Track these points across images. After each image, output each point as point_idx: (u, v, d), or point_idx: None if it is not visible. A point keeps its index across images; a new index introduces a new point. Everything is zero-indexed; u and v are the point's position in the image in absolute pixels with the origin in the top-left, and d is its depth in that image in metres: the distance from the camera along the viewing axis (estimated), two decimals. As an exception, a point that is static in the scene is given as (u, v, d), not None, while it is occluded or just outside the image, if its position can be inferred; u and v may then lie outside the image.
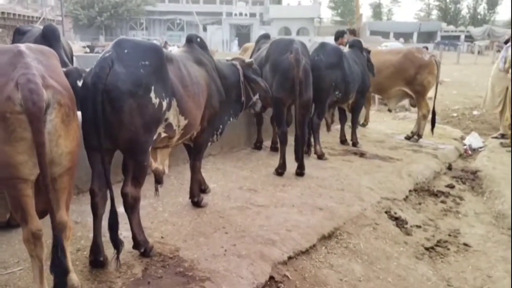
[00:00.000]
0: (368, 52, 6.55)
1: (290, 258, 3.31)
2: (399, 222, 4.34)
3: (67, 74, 2.86)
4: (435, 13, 62.98)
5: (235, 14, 48.40)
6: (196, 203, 4.01)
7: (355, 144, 6.64)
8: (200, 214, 3.87)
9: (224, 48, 42.21)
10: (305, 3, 49.86)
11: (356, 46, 6.47)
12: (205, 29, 46.33)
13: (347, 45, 6.68)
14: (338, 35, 7.75)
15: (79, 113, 2.66)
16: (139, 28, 48.88)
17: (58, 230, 2.42)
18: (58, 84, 2.38)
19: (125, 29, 47.35)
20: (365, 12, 60.54)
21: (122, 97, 2.73)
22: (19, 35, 4.46)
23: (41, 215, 2.54)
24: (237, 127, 5.86)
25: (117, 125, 2.76)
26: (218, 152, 5.74)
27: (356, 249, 3.68)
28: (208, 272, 2.94)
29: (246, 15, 48.75)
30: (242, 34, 45.72)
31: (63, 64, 3.91)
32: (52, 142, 2.31)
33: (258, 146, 6.15)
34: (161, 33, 48.28)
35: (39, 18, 30.99)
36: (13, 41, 4.43)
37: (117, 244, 2.80)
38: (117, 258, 2.82)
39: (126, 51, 2.87)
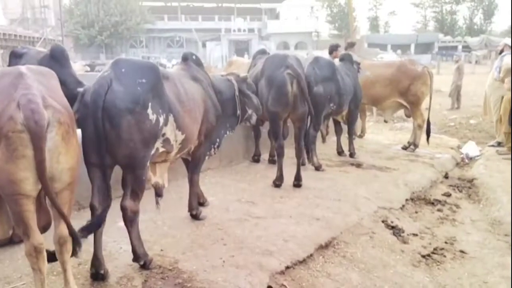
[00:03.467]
0: (358, 64, 6.71)
1: (287, 267, 3.37)
2: (395, 230, 4.40)
3: (83, 93, 2.97)
4: (432, 24, 63.55)
5: (234, 30, 48.93)
6: (195, 216, 4.08)
7: (352, 155, 6.73)
8: (199, 227, 3.94)
9: (223, 64, 42.54)
10: (302, 18, 50.38)
11: (347, 59, 6.64)
12: (204, 46, 46.82)
13: (339, 59, 6.84)
14: (332, 49, 7.90)
15: (78, 131, 2.77)
16: (139, 46, 49.38)
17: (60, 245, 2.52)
18: (57, 104, 2.49)
19: (126, 47, 47.86)
20: (363, 25, 61.15)
21: (121, 114, 2.83)
22: (15, 58, 4.52)
23: (43, 230, 2.63)
24: (235, 141, 5.96)
25: (116, 141, 2.86)
26: (216, 166, 5.82)
27: (353, 258, 3.74)
28: (207, 283, 3.00)
29: (244, 30, 49.27)
30: (241, 49, 46.14)
31: (77, 83, 4.00)
32: (53, 159, 2.40)
33: (256, 159, 6.24)
34: (161, 50, 48.78)
35: (40, 38, 31.40)
36: (10, 64, 4.48)
37: (76, 237, 2.66)
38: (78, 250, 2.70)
39: (123, 70, 2.98)
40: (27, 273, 3.04)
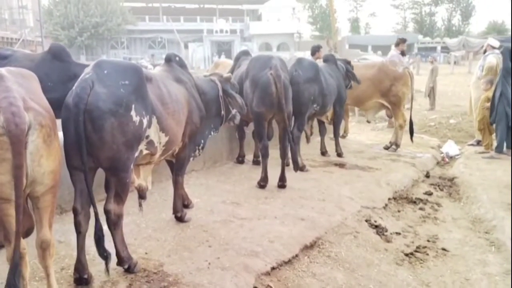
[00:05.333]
0: (348, 62, 6.75)
1: (273, 268, 3.37)
2: (379, 229, 4.45)
3: None
4: (411, 25, 64.57)
5: (216, 31, 48.79)
6: (180, 218, 4.06)
7: (340, 155, 6.80)
8: (184, 229, 3.92)
9: (206, 65, 42.42)
10: (284, 19, 50.56)
11: (330, 60, 6.69)
12: (186, 47, 46.54)
13: (322, 60, 6.89)
14: (314, 50, 7.96)
15: (60, 134, 2.73)
16: (120, 47, 48.82)
17: (42, 249, 2.47)
18: (39, 106, 2.45)
19: (106, 48, 47.24)
20: (344, 26, 61.73)
21: (103, 116, 2.79)
22: None
23: (25, 235, 2.57)
24: (219, 142, 5.95)
25: (99, 143, 2.82)
26: (201, 167, 5.80)
27: (337, 258, 3.76)
28: (193, 286, 2.98)
29: (226, 32, 49.18)
30: (223, 50, 46.06)
31: None
32: (34, 162, 2.36)
33: (240, 160, 6.24)
34: (143, 51, 48.29)
35: (18, 39, 30.78)
36: None
37: (105, 256, 2.86)
38: (107, 269, 2.88)
39: (105, 71, 2.95)
40: (8, 279, 2.97)
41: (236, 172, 5.83)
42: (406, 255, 4.09)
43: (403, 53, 8.82)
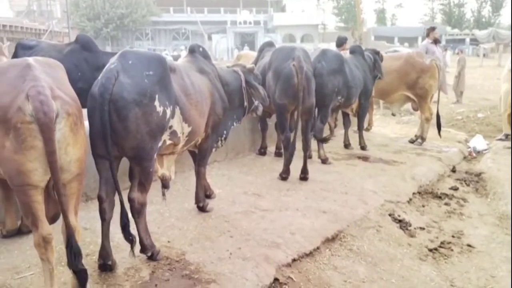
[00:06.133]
0: (377, 53, 6.60)
1: (294, 260, 3.37)
2: (402, 224, 4.39)
3: None
4: (439, 17, 62.86)
5: (240, 23, 48.72)
6: (202, 208, 4.09)
7: (363, 148, 6.72)
8: (206, 219, 3.95)
9: (229, 56, 42.45)
10: (309, 10, 50.03)
11: (357, 51, 6.56)
12: (210, 38, 46.68)
13: (348, 51, 6.78)
14: (341, 42, 7.84)
15: (86, 123, 2.77)
16: (145, 39, 49.34)
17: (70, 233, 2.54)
18: (65, 95, 2.50)
19: (131, 40, 47.80)
20: (369, 17, 60.66)
21: (128, 106, 2.83)
22: (23, 49, 4.56)
23: (51, 220, 2.64)
24: (241, 134, 5.96)
25: (124, 133, 2.86)
26: (223, 158, 5.82)
27: (359, 251, 3.73)
28: (214, 275, 3.01)
29: (250, 23, 49.05)
30: (246, 42, 45.96)
31: None
32: (61, 150, 2.41)
33: (262, 152, 6.23)
34: (167, 43, 48.70)
35: (46, 30, 31.43)
36: (17, 56, 4.50)
37: (131, 240, 2.93)
38: (132, 252, 2.95)
39: (130, 62, 2.98)
40: (35, 263, 3.07)
41: (258, 163, 5.83)
42: (430, 250, 4.02)
43: (436, 42, 8.55)
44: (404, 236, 4.21)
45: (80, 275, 2.54)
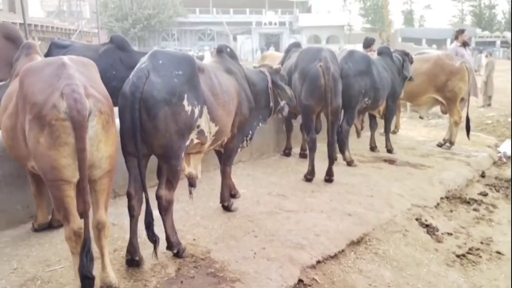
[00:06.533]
0: (406, 54, 6.49)
1: (318, 262, 3.36)
2: (429, 229, 4.31)
3: None
4: (469, 18, 61.47)
5: (265, 24, 48.80)
6: (227, 207, 4.12)
7: (390, 151, 6.63)
8: (231, 218, 3.97)
9: (254, 57, 42.54)
10: (334, 11, 49.75)
11: (385, 53, 6.47)
12: (235, 39, 46.92)
13: (376, 53, 6.70)
14: (369, 43, 7.75)
15: (116, 120, 2.83)
16: (171, 39, 49.96)
17: (99, 230, 2.59)
18: (98, 93, 2.56)
19: (158, 40, 48.48)
20: (397, 19, 59.64)
21: (158, 105, 2.88)
22: (57, 48, 4.71)
23: (81, 216, 2.70)
24: (266, 134, 5.97)
25: (153, 131, 2.91)
26: (248, 159, 5.84)
27: (385, 255, 3.69)
28: (239, 274, 3.02)
29: (275, 24, 49.06)
30: (271, 43, 45.99)
31: None
32: (93, 147, 2.47)
33: (287, 152, 6.23)
34: (192, 43, 49.20)
35: (76, 30, 32.17)
36: (51, 55, 4.64)
37: (154, 240, 2.96)
38: (155, 253, 2.97)
39: (161, 61, 3.03)
40: (65, 257, 3.15)
41: (282, 164, 5.83)
42: (458, 256, 3.94)
43: (464, 44, 8.36)
44: (431, 241, 4.14)
45: (87, 282, 2.50)
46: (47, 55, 4.38)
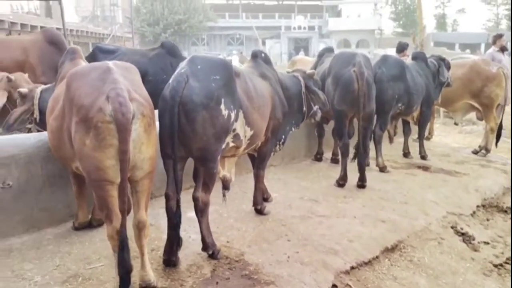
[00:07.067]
0: (442, 59, 6.38)
1: (352, 268, 3.34)
2: (465, 237, 4.22)
3: None
4: (504, 23, 59.55)
5: (294, 28, 48.74)
6: (259, 211, 4.16)
7: (424, 157, 6.53)
8: (263, 222, 4.00)
9: (282, 61, 42.58)
10: (365, 15, 49.17)
11: (420, 58, 6.39)
12: (263, 43, 47.04)
13: (410, 57, 6.62)
14: (402, 48, 7.66)
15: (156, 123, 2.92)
16: (201, 44, 50.54)
17: (139, 229, 2.67)
18: (141, 97, 2.65)
19: (187, 45, 49.10)
20: (429, 23, 58.44)
21: (196, 109, 2.95)
22: (102, 53, 4.89)
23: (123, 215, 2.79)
24: (297, 139, 5.97)
25: (191, 134, 2.98)
26: (279, 163, 5.87)
27: (420, 263, 3.64)
28: (273, 277, 3.05)
29: (304, 28, 48.94)
30: (300, 47, 45.88)
31: None
32: (135, 149, 2.56)
33: (318, 157, 6.22)
34: (221, 48, 49.59)
35: (109, 35, 32.98)
36: (96, 59, 4.81)
37: (177, 242, 3.08)
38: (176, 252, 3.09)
39: (199, 66, 3.11)
40: (105, 255, 3.25)
41: (313, 169, 5.82)
42: (495, 266, 3.86)
43: (503, 49, 8.14)
44: (467, 250, 4.06)
45: (125, 277, 2.60)
46: (90, 59, 4.55)
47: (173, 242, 3.11)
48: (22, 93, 4.02)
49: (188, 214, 3.67)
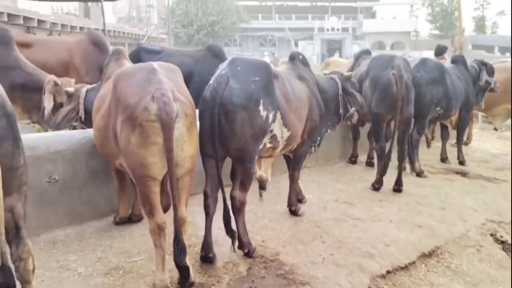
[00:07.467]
0: (484, 64, 6.22)
1: (388, 272, 3.31)
2: (505, 246, 4.11)
3: None
4: (548, 24, 57.14)
5: (327, 29, 48.39)
6: (294, 212, 4.18)
7: (462, 162, 6.39)
8: (298, 222, 4.02)
9: (316, 63, 42.32)
10: (400, 17, 48.29)
11: (459, 61, 6.25)
12: (296, 45, 46.88)
13: (449, 61, 6.49)
14: (441, 51, 7.50)
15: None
16: (233, 45, 50.89)
17: (180, 225, 2.75)
18: (184, 97, 2.73)
19: (220, 46, 49.56)
20: (467, 25, 56.73)
21: (236, 110, 3.01)
22: (148, 53, 5.06)
23: (165, 210, 2.88)
24: (332, 141, 5.96)
25: (230, 135, 3.04)
26: (313, 165, 5.87)
27: (458, 270, 3.57)
28: (308, 277, 3.07)
29: (338, 30, 48.50)
30: (333, 49, 45.51)
31: None
32: (178, 147, 2.63)
33: (353, 160, 6.18)
34: (254, 49, 49.79)
35: (144, 36, 33.68)
36: (141, 59, 4.96)
37: (232, 235, 3.11)
38: (233, 246, 3.14)
39: (239, 68, 3.16)
40: (144, 250, 3.36)
41: (348, 172, 5.79)
42: (537, 276, 3.72)
43: None
44: (507, 259, 3.95)
45: (182, 271, 2.71)
46: (135, 59, 4.69)
47: (210, 239, 3.18)
48: (69, 92, 4.20)
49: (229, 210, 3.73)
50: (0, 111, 1.96)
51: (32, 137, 3.69)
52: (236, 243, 3.15)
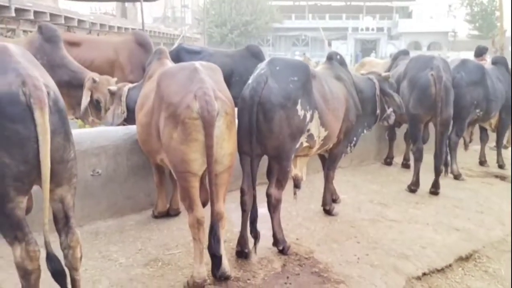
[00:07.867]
0: None
1: (424, 274, 3.28)
2: (546, 252, 3.98)
3: None
4: None
5: (361, 29, 47.77)
6: (328, 211, 4.19)
7: (501, 166, 6.22)
8: (332, 222, 4.04)
9: (349, 63, 41.82)
10: (437, 17, 47.03)
11: (500, 62, 6.09)
12: (329, 44, 46.48)
13: (489, 62, 6.32)
14: (481, 52, 7.31)
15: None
16: (266, 44, 50.94)
17: (216, 219, 2.82)
18: (224, 96, 2.80)
19: (259, 46, 49.64)
20: (508, 26, 54.59)
21: (274, 109, 3.06)
22: (188, 53, 5.22)
23: (204, 205, 2.97)
24: (367, 141, 5.92)
25: (268, 133, 3.10)
26: (347, 165, 5.85)
27: (496, 274, 3.48)
28: (343, 276, 3.08)
29: (373, 29, 47.79)
30: (368, 49, 44.89)
31: None
32: (217, 144, 2.71)
33: (388, 161, 6.12)
34: (286, 49, 49.73)
35: (179, 35, 34.22)
36: (182, 59, 5.11)
37: (256, 236, 3.15)
38: (255, 248, 3.17)
39: (278, 68, 3.21)
40: (182, 243, 3.47)
41: (383, 173, 5.75)
42: None
43: None
44: (548, 265, 3.82)
45: (215, 259, 2.82)
46: (176, 59, 4.83)
47: (246, 235, 3.25)
48: (111, 91, 4.37)
49: (260, 209, 3.78)
50: (53, 107, 2.08)
51: (78, 132, 3.86)
52: (258, 244, 3.17)
